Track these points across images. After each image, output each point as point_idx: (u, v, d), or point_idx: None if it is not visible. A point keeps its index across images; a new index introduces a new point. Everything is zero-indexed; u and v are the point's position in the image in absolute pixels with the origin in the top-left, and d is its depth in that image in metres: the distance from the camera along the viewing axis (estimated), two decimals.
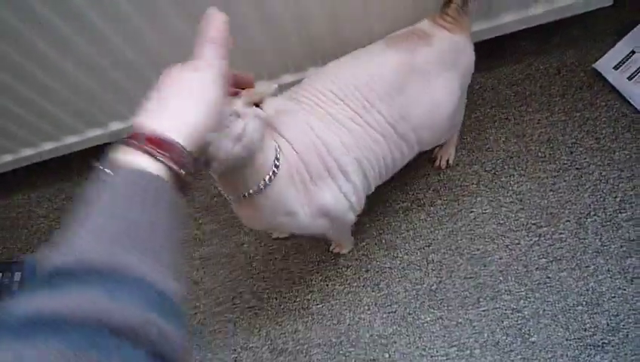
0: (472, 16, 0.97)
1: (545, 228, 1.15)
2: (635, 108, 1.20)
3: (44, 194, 1.49)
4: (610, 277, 1.09)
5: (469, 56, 0.96)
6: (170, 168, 0.45)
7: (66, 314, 0.31)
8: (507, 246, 1.15)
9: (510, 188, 1.20)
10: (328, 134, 0.85)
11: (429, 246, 1.19)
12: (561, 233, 1.14)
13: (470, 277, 1.15)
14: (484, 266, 1.15)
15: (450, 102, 0.95)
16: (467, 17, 0.93)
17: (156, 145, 0.44)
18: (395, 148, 0.93)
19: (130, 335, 0.31)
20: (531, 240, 1.15)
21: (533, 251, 1.14)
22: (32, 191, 1.50)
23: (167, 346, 0.33)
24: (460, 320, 1.12)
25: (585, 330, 1.06)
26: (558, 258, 1.13)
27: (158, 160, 0.44)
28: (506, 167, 1.22)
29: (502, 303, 1.11)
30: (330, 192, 0.87)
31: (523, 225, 1.16)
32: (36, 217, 1.47)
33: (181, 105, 0.49)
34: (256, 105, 0.70)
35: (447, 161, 1.22)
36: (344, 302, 1.19)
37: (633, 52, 1.22)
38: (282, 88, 1.19)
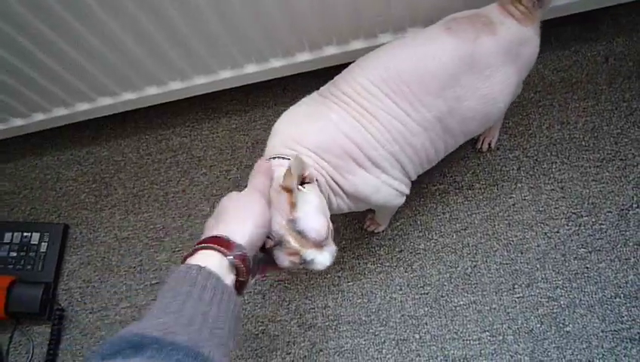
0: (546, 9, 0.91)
1: (585, 218, 1.13)
2: None
3: (74, 157, 1.47)
4: None
5: (533, 49, 0.90)
6: (235, 267, 0.57)
7: None
8: (546, 233, 1.14)
9: (552, 175, 1.18)
10: (361, 132, 0.83)
11: (465, 229, 1.18)
12: (601, 224, 1.12)
13: (506, 263, 1.13)
14: (521, 253, 1.13)
15: (507, 96, 0.90)
16: (541, 11, 0.88)
17: (225, 246, 0.57)
18: (438, 139, 0.90)
19: None
20: (571, 229, 1.13)
21: (572, 240, 1.12)
22: (62, 153, 1.49)
23: None
24: (493, 306, 1.11)
25: (622, 323, 1.05)
26: (598, 248, 1.11)
27: (227, 257, 0.57)
28: (548, 153, 1.19)
29: (537, 291, 1.10)
30: (363, 180, 0.86)
31: (563, 213, 1.14)
32: (65, 179, 1.46)
33: (241, 218, 0.63)
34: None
35: (490, 144, 1.20)
36: (375, 281, 1.18)
37: None
38: (325, 60, 1.18)
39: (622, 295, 1.07)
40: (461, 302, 1.12)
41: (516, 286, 1.11)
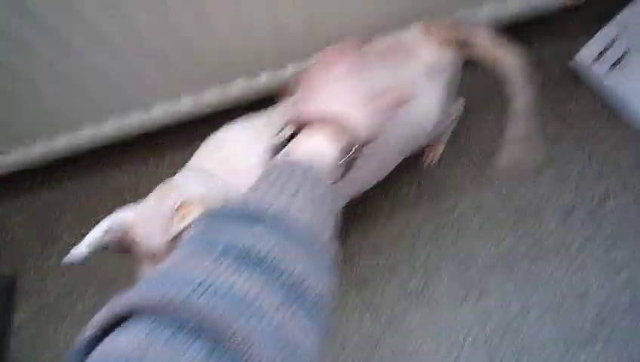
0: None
1: (529, 224, 1.15)
2: (613, 101, 1.20)
3: (14, 206, 1.44)
4: (597, 270, 1.09)
5: (454, 69, 0.90)
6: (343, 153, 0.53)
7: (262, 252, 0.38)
8: (492, 243, 1.15)
9: (494, 184, 1.19)
10: None
11: (413, 246, 1.18)
12: (545, 228, 1.14)
13: (456, 276, 1.14)
14: (470, 264, 1.14)
15: (434, 114, 0.90)
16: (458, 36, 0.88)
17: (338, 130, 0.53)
18: (374, 170, 0.91)
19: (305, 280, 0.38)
20: (516, 236, 1.15)
21: (518, 247, 1.14)
22: (13, 201, 1.45)
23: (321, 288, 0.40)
24: (448, 320, 1.11)
25: (573, 324, 1.06)
26: (544, 253, 1.12)
27: (338, 144, 0.53)
28: (489, 163, 1.21)
29: (489, 301, 1.11)
30: None
31: (507, 222, 1.16)
32: (9, 228, 1.41)
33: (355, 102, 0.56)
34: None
35: (432, 159, 1.21)
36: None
37: (608, 47, 1.22)
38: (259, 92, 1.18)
39: (571, 297, 1.08)
40: (416, 319, 1.13)
41: (468, 297, 1.12)
